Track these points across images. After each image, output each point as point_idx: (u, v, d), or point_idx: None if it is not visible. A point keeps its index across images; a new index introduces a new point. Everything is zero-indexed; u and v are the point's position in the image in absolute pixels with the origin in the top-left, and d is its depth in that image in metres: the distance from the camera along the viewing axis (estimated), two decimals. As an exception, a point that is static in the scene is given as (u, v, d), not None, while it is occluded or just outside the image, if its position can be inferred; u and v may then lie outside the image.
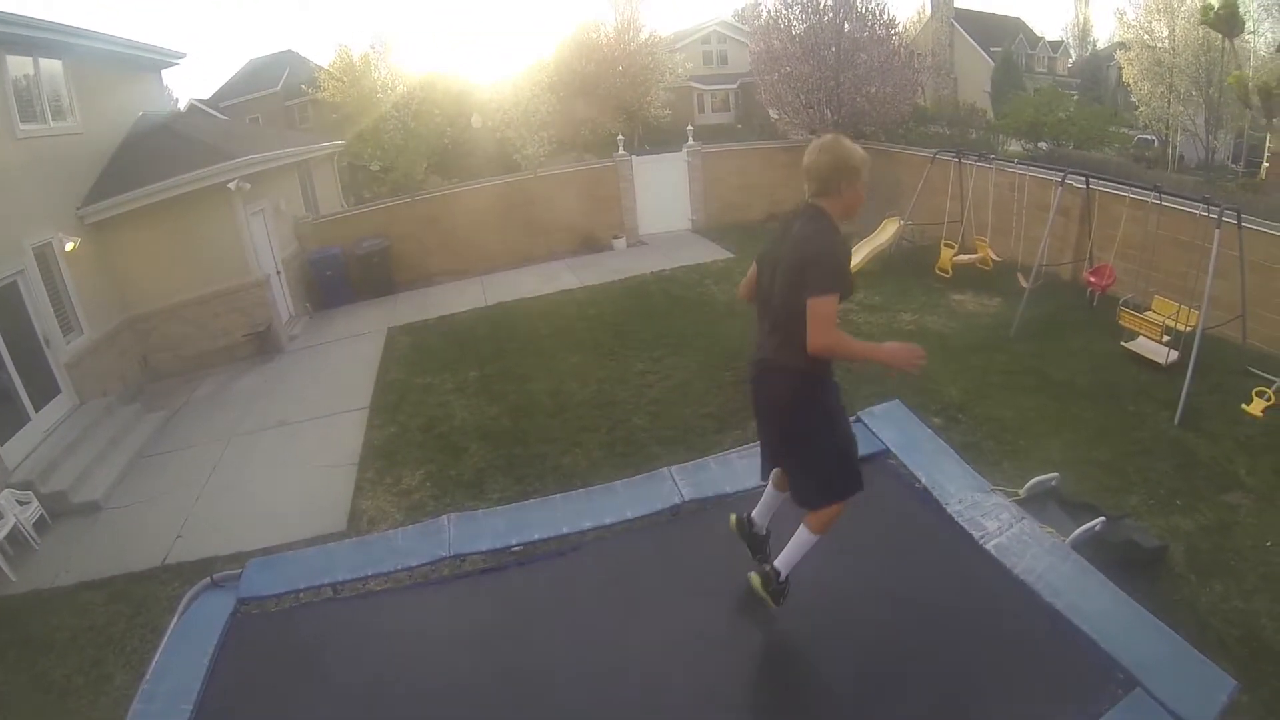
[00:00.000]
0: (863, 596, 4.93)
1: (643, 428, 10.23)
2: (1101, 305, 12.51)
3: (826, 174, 4.01)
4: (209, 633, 5.28)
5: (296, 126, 41.66)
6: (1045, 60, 51.84)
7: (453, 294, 18.11)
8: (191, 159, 14.51)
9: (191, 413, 13.19)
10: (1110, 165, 26.92)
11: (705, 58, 48.12)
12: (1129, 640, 4.15)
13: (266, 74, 46.86)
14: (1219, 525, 7.40)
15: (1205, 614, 6.25)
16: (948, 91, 46.73)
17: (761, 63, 22.15)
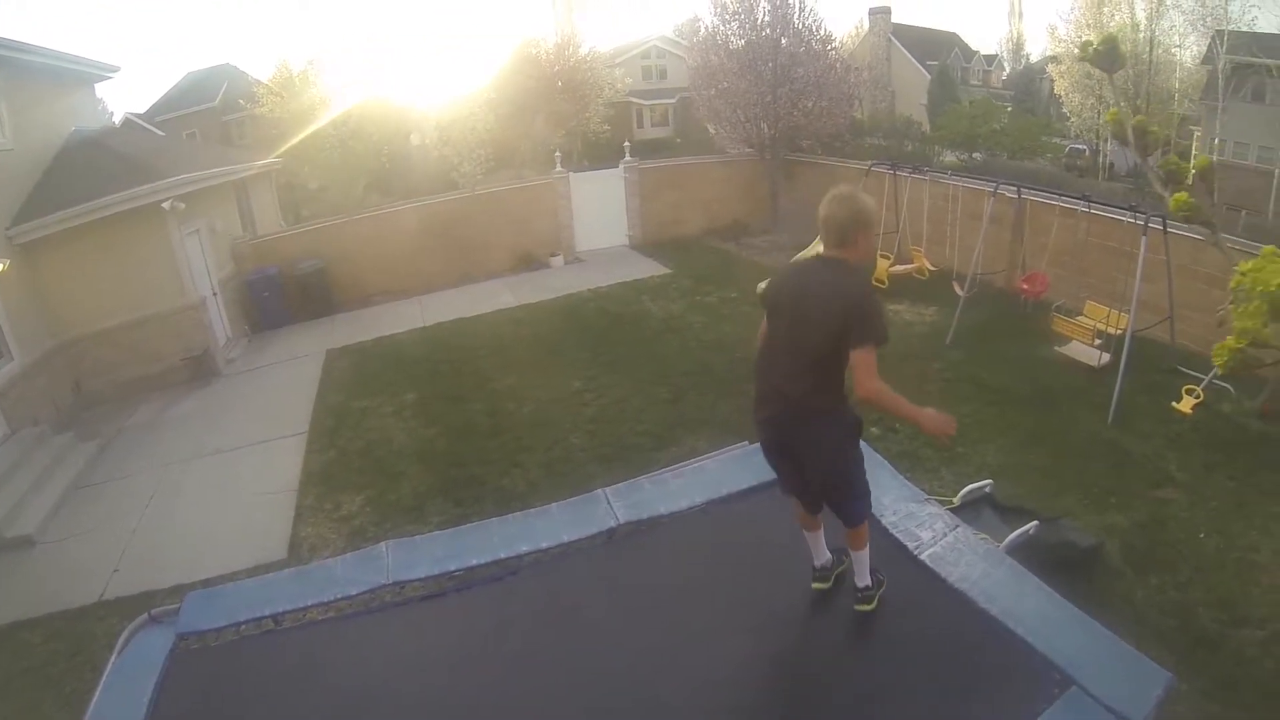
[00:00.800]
0: (798, 613, 4.96)
1: (580, 447, 10.27)
2: (1035, 311, 12.76)
3: (846, 225, 4.19)
4: (148, 670, 5.14)
5: (235, 142, 41.13)
6: (980, 73, 52.69)
7: (391, 315, 17.99)
8: (125, 177, 14.25)
9: (127, 441, 12.92)
10: (1043, 175, 27.54)
11: (645, 72, 48.21)
12: (1064, 640, 4.24)
13: (204, 88, 46.19)
14: (1153, 520, 7.65)
15: (1142, 607, 6.46)
16: (885, 104, 47.32)
17: (699, 78, 22.39)
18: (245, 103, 34.04)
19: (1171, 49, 32.87)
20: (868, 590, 4.73)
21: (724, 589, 5.23)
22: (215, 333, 15.95)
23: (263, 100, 30.28)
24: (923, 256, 14.94)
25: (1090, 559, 6.94)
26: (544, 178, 21.80)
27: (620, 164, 21.70)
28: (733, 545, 5.60)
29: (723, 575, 5.34)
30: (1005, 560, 4.97)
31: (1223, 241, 3.04)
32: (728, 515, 5.95)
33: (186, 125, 43.58)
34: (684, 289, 17.13)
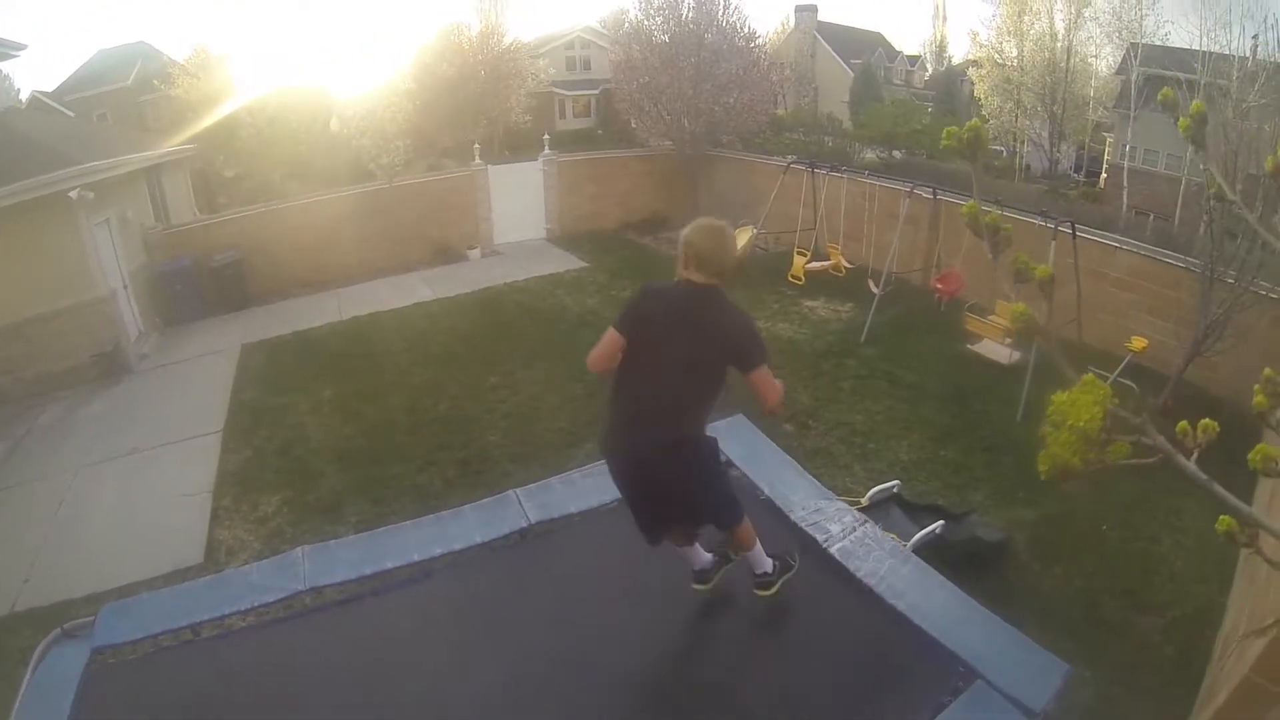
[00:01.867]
0: (707, 604, 5.07)
1: (496, 444, 10.28)
2: (949, 310, 13.04)
3: (721, 256, 4.24)
4: (64, 687, 5.04)
5: (149, 125, 39.92)
6: (903, 73, 53.38)
7: (309, 308, 17.71)
8: (29, 164, 13.63)
9: (36, 442, 12.50)
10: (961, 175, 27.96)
11: (569, 63, 48.07)
12: (967, 635, 4.43)
13: (117, 67, 44.73)
14: (1060, 513, 7.91)
15: (1049, 597, 6.72)
16: (808, 100, 47.85)
17: (622, 71, 22.41)
18: (160, 84, 33.09)
19: (1088, 58, 33.88)
20: (766, 576, 4.86)
21: (634, 586, 5.33)
22: (126, 327, 15.51)
23: (178, 82, 29.56)
24: (839, 254, 15.11)
25: (998, 552, 7.16)
26: (463, 169, 21.68)
27: (539, 157, 21.66)
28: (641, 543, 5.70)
29: (632, 572, 5.42)
30: (911, 558, 5.14)
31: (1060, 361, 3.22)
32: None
33: (98, 105, 42.26)
34: (600, 284, 17.24)
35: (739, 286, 15.08)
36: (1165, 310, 11.52)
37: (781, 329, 13.37)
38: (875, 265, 14.30)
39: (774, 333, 13.17)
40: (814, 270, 15.24)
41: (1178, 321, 10.83)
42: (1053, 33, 32.78)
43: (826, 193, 15.81)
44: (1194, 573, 7.20)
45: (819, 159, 19.21)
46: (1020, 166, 37.11)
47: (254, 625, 5.74)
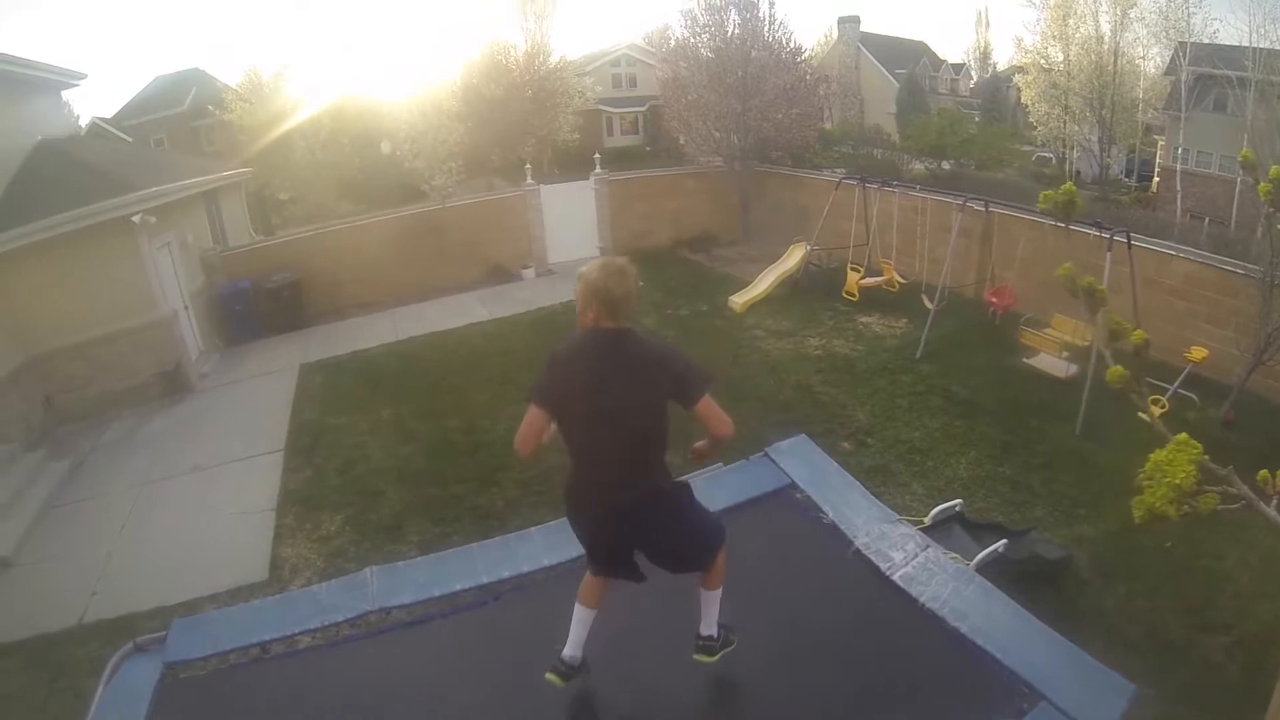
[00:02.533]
0: (774, 633, 5.04)
1: (558, 466, 10.04)
2: (1004, 323, 12.92)
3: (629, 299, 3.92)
4: (137, 700, 5.11)
5: (203, 149, 40.70)
6: (948, 82, 53.01)
7: (364, 328, 17.91)
8: (94, 190, 14.03)
9: (101, 459, 12.79)
10: (1010, 185, 27.73)
11: (614, 80, 48.19)
12: (1032, 656, 4.35)
13: (172, 92, 45.65)
14: (1121, 530, 7.70)
15: (1112, 615, 6.60)
16: (854, 112, 47.63)
17: (669, 89, 22.49)
18: (214, 109, 33.73)
19: (1136, 60, 33.30)
20: (711, 641, 4.62)
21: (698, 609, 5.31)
22: (187, 347, 15.83)
23: (232, 106, 30.10)
24: (892, 269, 15.08)
25: (1060, 570, 7.07)
26: (515, 190, 21.89)
27: (590, 176, 21.73)
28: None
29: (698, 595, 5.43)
30: (975, 579, 5.06)
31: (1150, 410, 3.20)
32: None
33: (154, 130, 43.13)
34: (655, 302, 17.11)
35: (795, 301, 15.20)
36: (1224, 318, 11.37)
37: (837, 346, 13.32)
38: (929, 280, 14.17)
39: (830, 349, 13.17)
40: (868, 286, 15.23)
41: (1238, 330, 10.67)
42: (1099, 35, 32.19)
43: (878, 208, 15.77)
44: (1259, 590, 7.07)
45: (868, 173, 19.12)
46: (1070, 173, 36.32)
47: (322, 644, 5.80)
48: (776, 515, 6.05)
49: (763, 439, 7.88)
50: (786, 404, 11.14)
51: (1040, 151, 37.93)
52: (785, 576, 5.47)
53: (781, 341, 13.80)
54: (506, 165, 28.74)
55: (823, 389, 11.63)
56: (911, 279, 15.01)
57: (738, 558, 5.70)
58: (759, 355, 13.22)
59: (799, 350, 13.30)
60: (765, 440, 7.21)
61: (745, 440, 9.79)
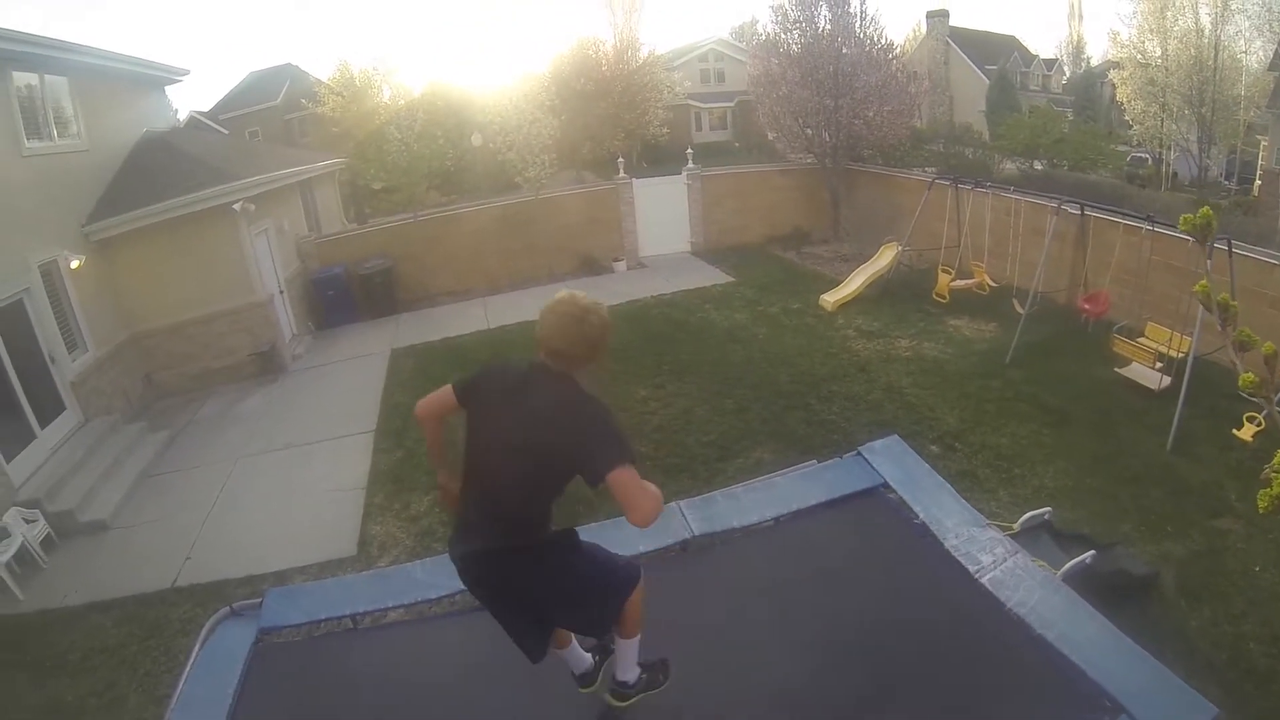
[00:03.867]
0: (862, 628, 5.07)
1: (647, 455, 10.25)
2: (1096, 331, 12.60)
3: (576, 345, 3.54)
4: (232, 662, 5.39)
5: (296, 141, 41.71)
6: (1040, 78, 52.01)
7: (455, 315, 18.16)
8: (196, 179, 14.58)
9: (196, 432, 13.25)
10: (1104, 186, 27.09)
11: (703, 75, 48.32)
12: (1116, 669, 4.32)
13: (266, 87, 46.85)
14: (1209, 551, 7.52)
15: (1194, 638, 6.40)
16: (943, 110, 46.97)
17: (759, 85, 22.29)
18: (307, 102, 34.61)
19: (1238, 54, 32.10)
20: (625, 687, 4.38)
21: (791, 603, 5.34)
22: (282, 329, 16.28)
23: (324, 100, 30.79)
24: (984, 272, 14.83)
25: (1145, 587, 6.93)
26: (608, 183, 21.95)
27: (683, 171, 21.71)
28: (800, 560, 5.71)
29: (790, 589, 5.46)
30: (1062, 587, 5.05)
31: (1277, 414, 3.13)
32: (797, 531, 6.09)
33: (249, 123, 44.27)
34: (747, 299, 17.07)
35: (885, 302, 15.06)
36: (1335, 332, 10.96)
37: (927, 348, 13.16)
38: (1020, 284, 13.96)
39: (919, 351, 13.02)
40: (959, 288, 15.02)
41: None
42: (1198, 28, 31.13)
43: (970, 209, 15.56)
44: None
45: (959, 172, 18.89)
46: (1167, 175, 35.11)
47: (414, 620, 5.97)
48: (868, 513, 6.08)
49: (854, 439, 7.94)
50: (876, 404, 11.06)
51: (1135, 152, 36.48)
52: (874, 574, 5.50)
53: (871, 342, 13.69)
54: (596, 159, 28.93)
55: (912, 391, 11.51)
56: (1002, 282, 14.73)
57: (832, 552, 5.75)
58: (849, 355, 13.14)
59: (888, 351, 13.19)
60: (856, 441, 7.25)
61: (837, 438, 9.81)
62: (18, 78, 12.36)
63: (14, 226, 11.73)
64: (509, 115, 21.13)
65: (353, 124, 29.20)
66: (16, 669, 7.75)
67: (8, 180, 11.82)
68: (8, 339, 11.11)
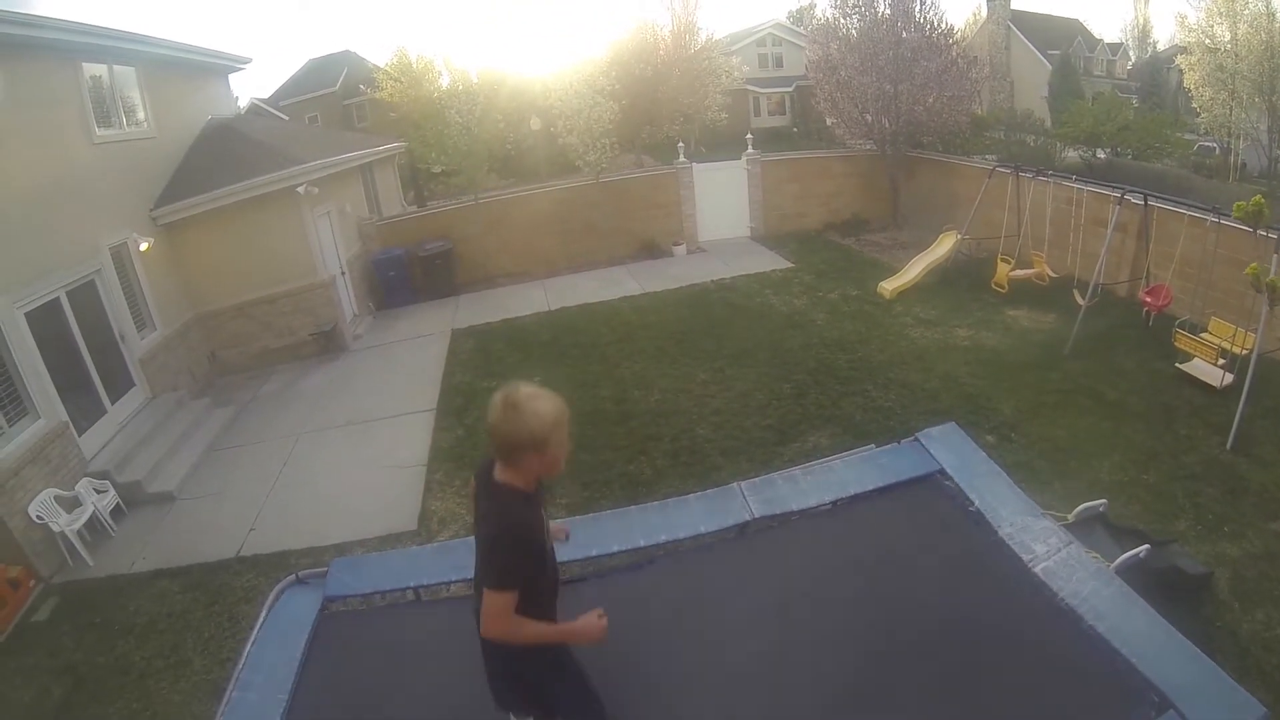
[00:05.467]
0: (914, 614, 5.09)
1: (706, 438, 10.37)
2: (1157, 325, 12.38)
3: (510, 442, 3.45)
4: (298, 628, 5.55)
5: (354, 126, 42.33)
6: (1104, 63, 51.11)
7: (515, 297, 18.31)
8: (260, 163, 14.93)
9: (260, 408, 13.57)
10: (1169, 176, 26.55)
11: (760, 60, 48.13)
12: (1165, 664, 4.28)
13: (325, 73, 47.55)
14: (1266, 554, 7.37)
15: (1246, 641, 6.32)
16: (1004, 95, 46.35)
17: (818, 70, 22.14)
18: (365, 88, 35.03)
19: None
20: None
21: (849, 588, 5.38)
22: (343, 309, 16.59)
23: (382, 85, 31.12)
24: (1043, 262, 14.66)
25: (1199, 587, 6.83)
26: (668, 167, 21.96)
27: (743, 156, 21.62)
28: (858, 545, 5.74)
29: (848, 574, 5.50)
30: (1115, 580, 4.99)
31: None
32: (854, 515, 6.13)
33: (308, 109, 45.02)
34: (806, 284, 17.04)
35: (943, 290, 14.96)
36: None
37: (985, 338, 13.08)
38: (1080, 275, 13.71)
39: (977, 341, 12.95)
40: (1018, 278, 14.86)
41: None
42: (1269, 11, 30.14)
43: (1031, 198, 15.44)
44: None
45: (1020, 160, 18.67)
46: (1235, 165, 34.00)
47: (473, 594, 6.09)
48: (924, 499, 6.06)
49: (911, 426, 7.92)
50: (933, 393, 11.02)
51: (1202, 141, 35.57)
52: (928, 560, 5.50)
53: (929, 330, 13.64)
54: (655, 143, 28.97)
55: (969, 380, 11.45)
56: (1062, 273, 14.51)
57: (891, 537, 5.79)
58: (906, 343, 13.10)
59: (946, 340, 13.13)
60: (914, 426, 7.24)
61: (894, 425, 9.81)
62: (87, 69, 12.72)
63: (86, 211, 12.09)
64: (569, 99, 21.20)
65: (411, 109, 29.48)
66: (87, 630, 8.10)
67: (80, 167, 12.22)
68: (80, 317, 11.46)
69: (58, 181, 11.52)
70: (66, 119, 12.12)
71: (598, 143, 20.60)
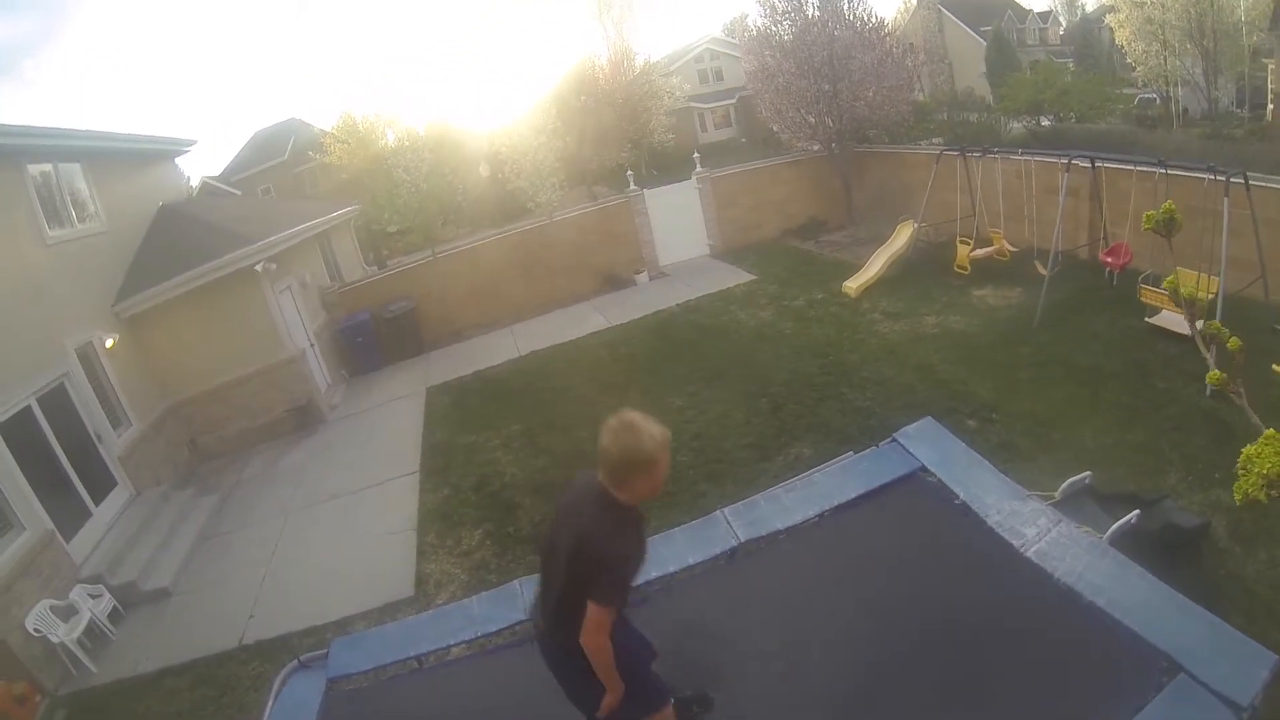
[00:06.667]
0: (911, 615, 5.11)
1: (688, 465, 10.32)
2: (1122, 282, 12.48)
3: (620, 464, 3.68)
4: (304, 713, 5.60)
5: (307, 192, 42.31)
6: (1036, 32, 51.73)
7: (485, 347, 18.24)
8: (215, 246, 14.82)
9: (244, 492, 13.45)
10: (1115, 134, 26.80)
11: (701, 76, 48.43)
12: (1170, 628, 4.30)
13: (273, 144, 47.58)
14: None
15: (1252, 583, 6.34)
16: (944, 78, 46.83)
17: (756, 80, 22.38)
18: (314, 153, 35.11)
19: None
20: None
21: (841, 598, 5.42)
22: (316, 381, 16.46)
23: (330, 149, 31.18)
24: (1001, 238, 14.76)
25: (1197, 538, 6.85)
26: (619, 197, 21.98)
27: (693, 175, 21.70)
28: (849, 554, 5.76)
29: (844, 585, 5.53)
30: (1109, 551, 5.03)
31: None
32: (841, 525, 6.14)
33: (260, 181, 45.05)
34: (770, 294, 17.07)
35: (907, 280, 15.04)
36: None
37: (953, 322, 13.14)
38: (1040, 245, 13.77)
39: (947, 326, 12.99)
40: (978, 258, 14.97)
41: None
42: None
43: (981, 176, 15.53)
44: None
45: (966, 139, 18.79)
46: (1177, 112, 34.18)
47: (476, 654, 6.10)
48: (909, 499, 6.10)
49: (889, 424, 7.94)
50: (909, 386, 11.05)
51: (1143, 93, 35.94)
52: (921, 559, 5.54)
53: (898, 323, 13.68)
54: (605, 171, 29.04)
55: (943, 367, 11.50)
56: (1022, 246, 14.66)
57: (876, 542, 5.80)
58: (877, 339, 13.15)
59: (916, 330, 13.18)
60: (892, 425, 7.26)
61: (873, 424, 9.82)
62: (32, 170, 12.63)
63: (47, 314, 12.03)
64: (514, 143, 21.27)
65: (360, 170, 29.55)
66: (97, 739, 7.96)
67: (36, 270, 12.14)
68: (54, 423, 11.37)
69: (15, 288, 11.46)
70: (17, 223, 12.05)
71: (546, 182, 20.67)
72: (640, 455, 3.64)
